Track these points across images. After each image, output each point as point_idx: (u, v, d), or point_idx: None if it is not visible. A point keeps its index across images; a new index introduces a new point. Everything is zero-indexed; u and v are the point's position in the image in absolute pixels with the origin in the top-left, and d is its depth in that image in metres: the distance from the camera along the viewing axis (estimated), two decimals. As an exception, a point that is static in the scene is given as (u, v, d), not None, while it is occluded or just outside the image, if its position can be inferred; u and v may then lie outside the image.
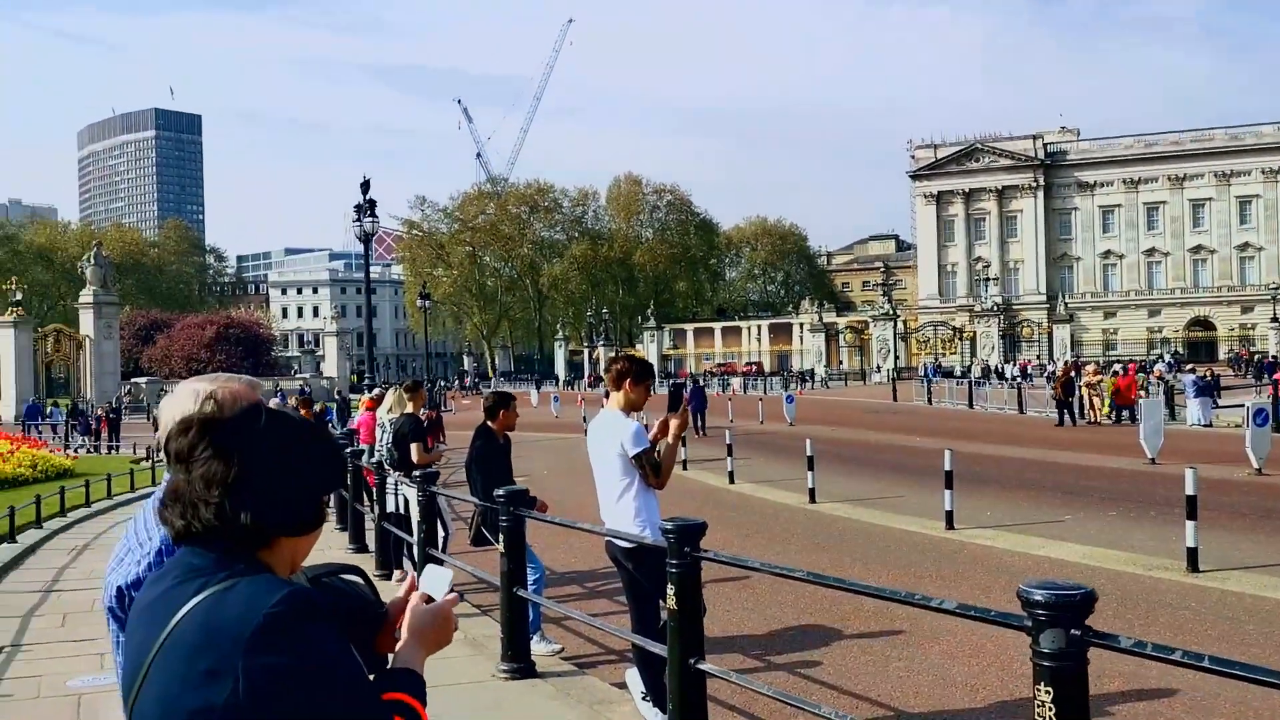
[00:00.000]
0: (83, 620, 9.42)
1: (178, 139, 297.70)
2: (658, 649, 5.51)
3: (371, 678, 1.90)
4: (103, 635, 8.57)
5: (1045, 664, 3.28)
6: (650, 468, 5.94)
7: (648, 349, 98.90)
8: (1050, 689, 3.28)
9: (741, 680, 5.15)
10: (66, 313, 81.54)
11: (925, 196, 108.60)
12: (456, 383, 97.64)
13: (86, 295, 63.72)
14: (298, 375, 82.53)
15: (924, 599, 3.96)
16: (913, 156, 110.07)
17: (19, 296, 61.45)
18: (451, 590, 2.14)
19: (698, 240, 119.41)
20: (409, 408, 10.68)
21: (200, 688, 1.62)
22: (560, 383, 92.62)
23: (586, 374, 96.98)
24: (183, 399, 2.40)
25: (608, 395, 6.28)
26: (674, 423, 6.12)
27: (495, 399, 8.57)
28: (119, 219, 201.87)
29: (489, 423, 8.46)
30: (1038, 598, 3.24)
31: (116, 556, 2.44)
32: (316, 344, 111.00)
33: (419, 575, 2.15)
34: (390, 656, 2.02)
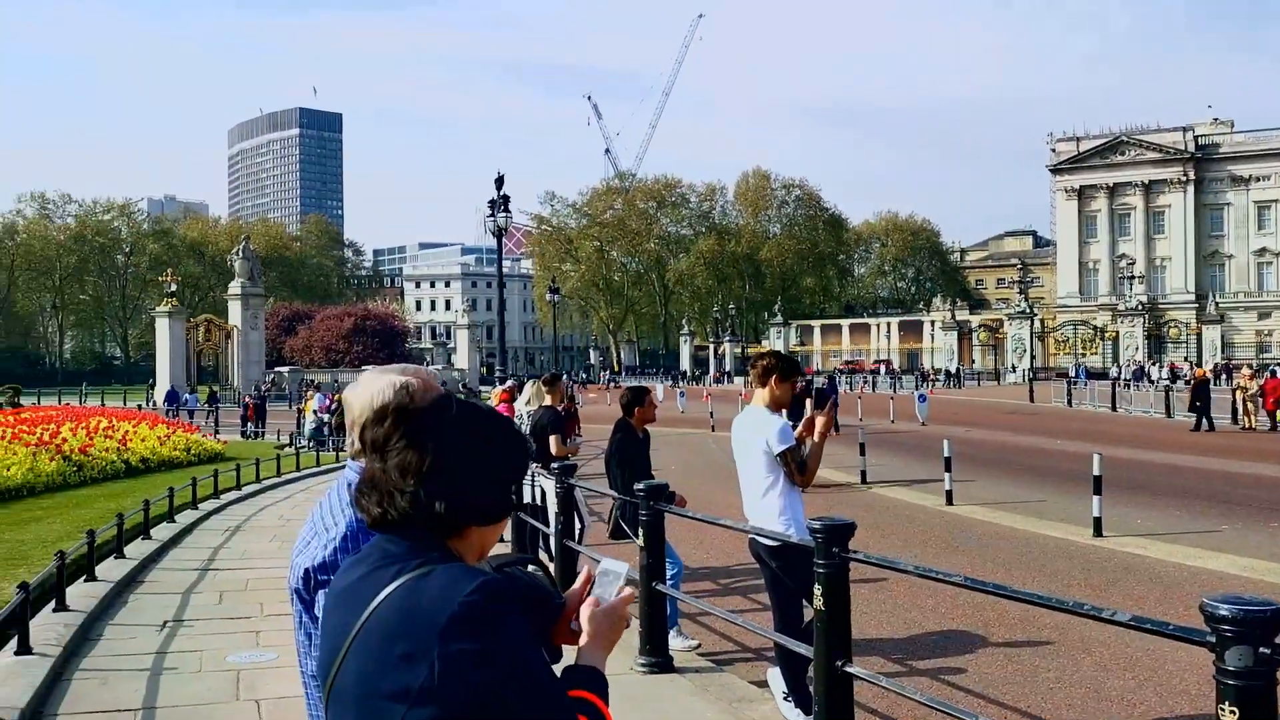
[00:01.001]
0: (238, 598, 9.83)
1: (320, 137, 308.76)
2: (801, 649, 5.44)
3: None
4: (256, 614, 8.95)
5: (1231, 683, 3.09)
6: (796, 465, 5.87)
7: (773, 346, 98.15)
8: (1236, 709, 3.10)
9: (892, 685, 5.03)
10: (215, 304, 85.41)
11: (1066, 191, 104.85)
12: (584, 376, 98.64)
13: (235, 287, 66.59)
14: (431, 367, 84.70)
15: (1094, 609, 3.78)
16: (1053, 149, 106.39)
17: (173, 288, 64.70)
18: (626, 582, 2.12)
19: (826, 236, 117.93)
20: (548, 400, 10.81)
21: (397, 671, 1.66)
22: (685, 378, 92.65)
23: (712, 369, 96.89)
24: (374, 389, 2.45)
25: (750, 392, 6.22)
26: (820, 420, 6.03)
27: (632, 393, 8.59)
28: (264, 214, 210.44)
29: (628, 417, 8.48)
30: (1224, 612, 3.06)
31: (303, 539, 2.51)
32: (448, 336, 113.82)
33: (596, 568, 2.14)
34: (563, 650, 2.03)
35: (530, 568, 2.15)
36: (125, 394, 60.30)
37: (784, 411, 6.23)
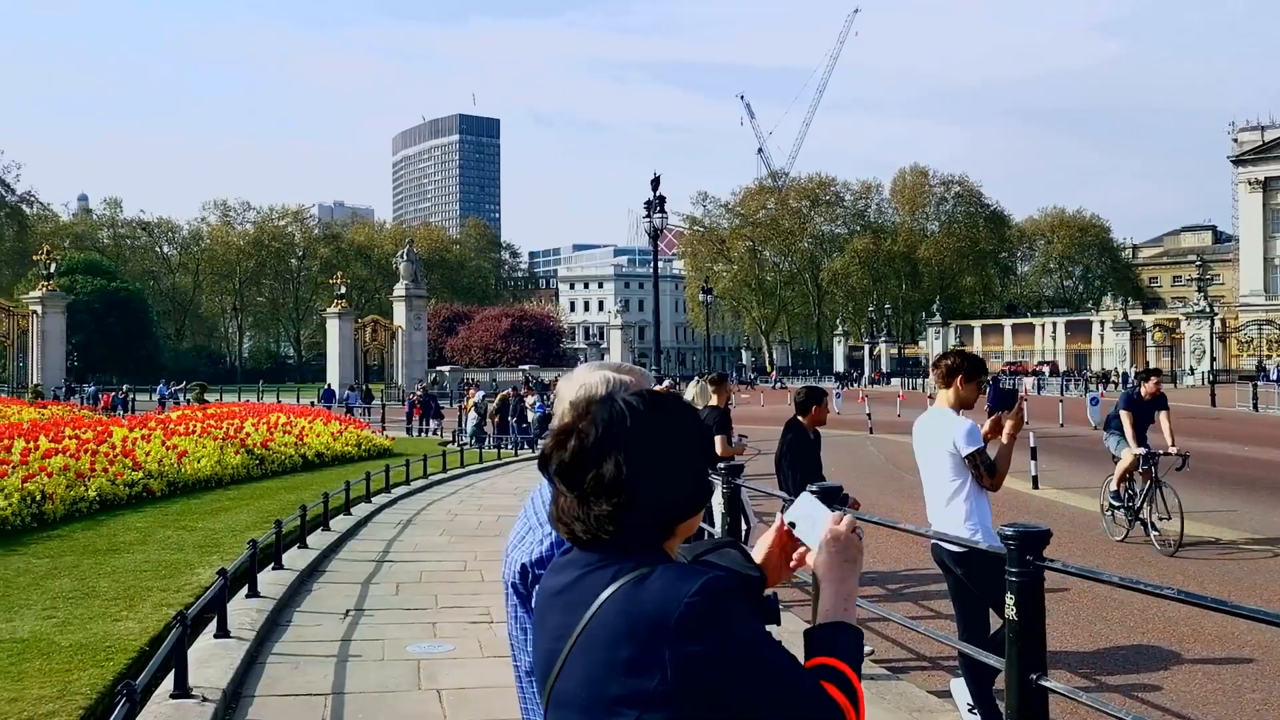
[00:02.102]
0: (414, 590, 10.13)
1: (478, 142, 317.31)
2: (990, 660, 5.23)
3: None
4: (431, 606, 9.18)
5: None
6: (985, 468, 5.65)
7: (931, 346, 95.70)
8: None
9: (1092, 700, 4.78)
10: (381, 305, 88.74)
11: (1250, 183, 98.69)
12: (735, 376, 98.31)
13: (399, 289, 69.06)
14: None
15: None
16: (1235, 140, 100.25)
17: (342, 290, 67.54)
18: (834, 508, 2.04)
19: (987, 233, 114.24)
20: (713, 400, 10.76)
21: (626, 676, 1.65)
22: (839, 378, 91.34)
23: (868, 370, 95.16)
24: (586, 383, 2.45)
25: (932, 395, 6.04)
26: (1009, 421, 5.80)
27: (807, 393, 8.47)
28: (426, 218, 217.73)
29: (799, 417, 8.36)
30: None
31: (517, 534, 2.51)
32: (601, 337, 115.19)
33: (785, 516, 2.06)
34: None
35: (726, 549, 2.10)
36: (298, 391, 63.29)
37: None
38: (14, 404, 37.64)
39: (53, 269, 58.71)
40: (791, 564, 2.05)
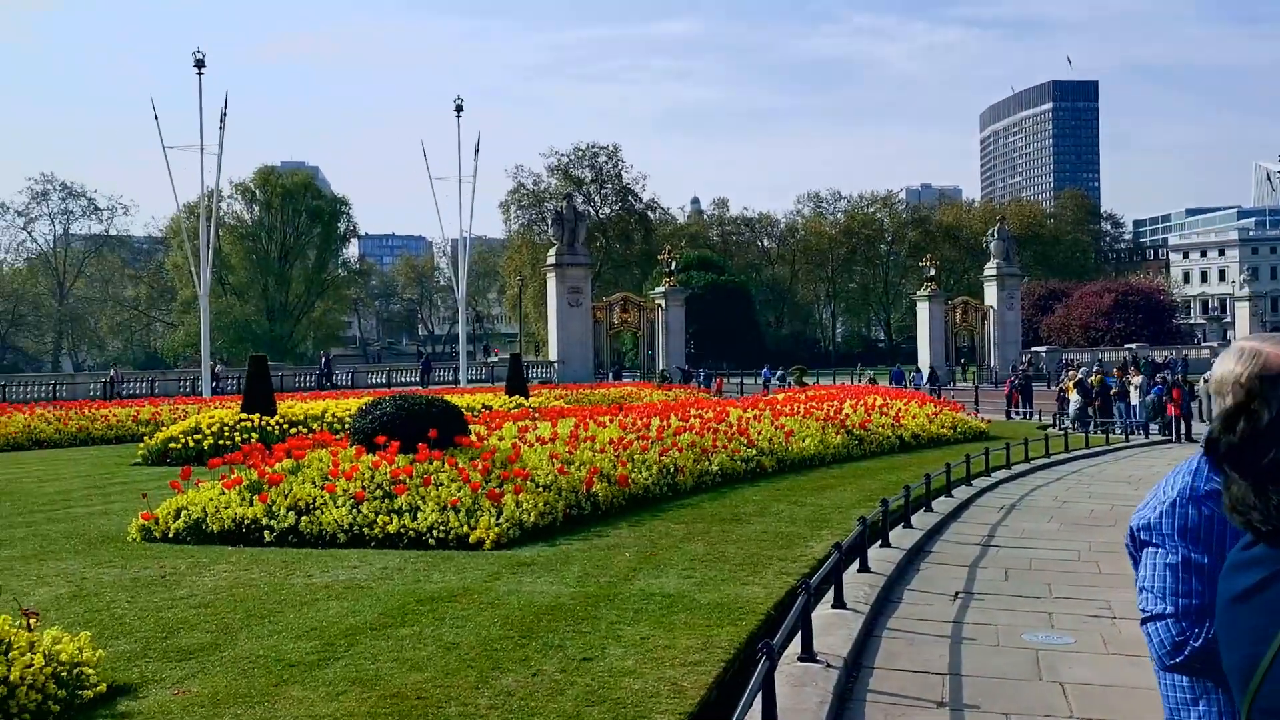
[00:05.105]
0: (1023, 577, 9.79)
1: (1073, 108, 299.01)
2: None
3: None
4: (1044, 595, 8.79)
5: None
6: None
7: None
8: None
9: None
10: (970, 286, 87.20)
11: None
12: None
13: (990, 268, 67.40)
14: (1203, 345, 77.33)
15: None
16: None
17: (932, 272, 67.50)
18: None
19: None
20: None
21: None
22: None
23: None
24: (1222, 360, 2.28)
25: None
26: None
27: None
28: (1017, 193, 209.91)
29: None
30: None
31: (1144, 501, 2.46)
32: (1223, 310, 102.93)
33: None
34: None
35: None
36: (873, 375, 64.41)
37: None
38: (645, 387, 42.99)
39: (673, 266, 65.72)
40: None
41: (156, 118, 41.60)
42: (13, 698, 5.15)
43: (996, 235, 67.85)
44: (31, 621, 5.89)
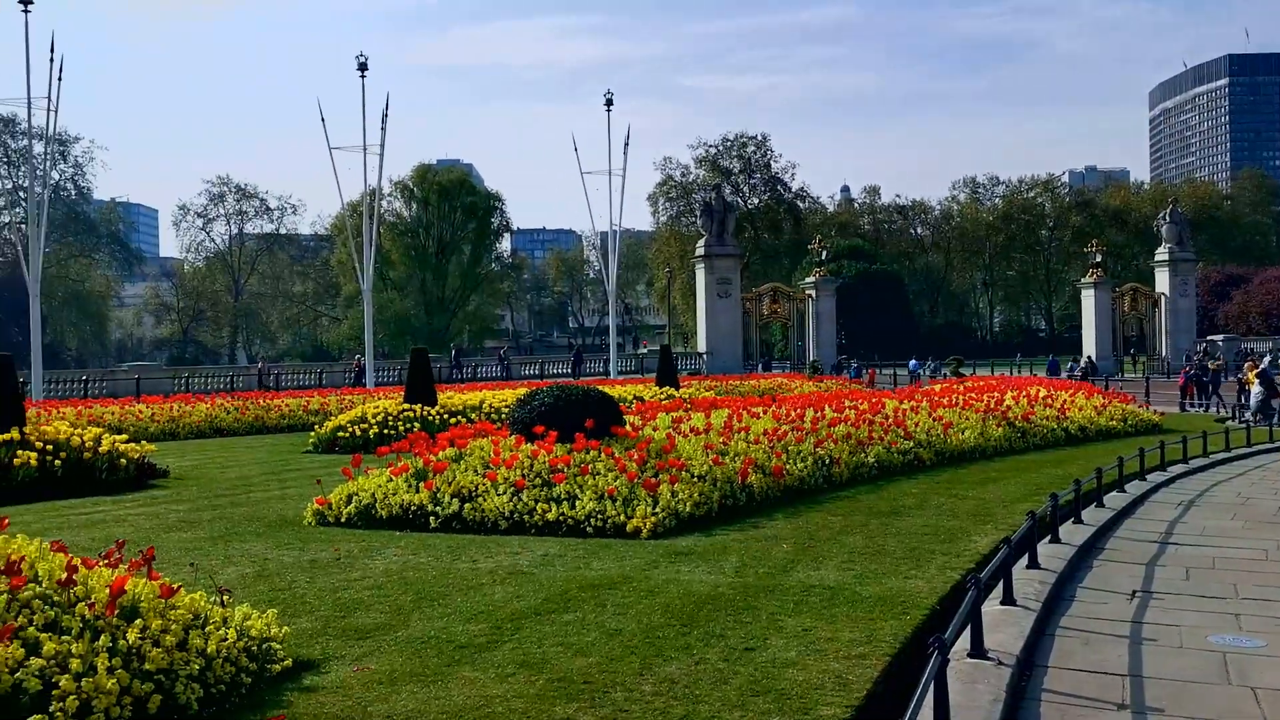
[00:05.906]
0: (1206, 577, 9.29)
1: (1253, 83, 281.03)
2: None
3: None
4: (1230, 595, 8.35)
5: None
6: None
7: None
8: None
9: None
10: (1139, 272, 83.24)
11: None
12: None
13: (1161, 253, 64.16)
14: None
15: None
16: None
17: (1098, 258, 64.56)
18: None
19: None
20: None
21: None
22: None
23: None
24: None
25: None
26: None
27: None
28: (1190, 174, 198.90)
29: None
30: None
31: None
32: None
33: None
34: None
35: None
36: (1031, 365, 62.03)
37: None
38: (796, 379, 42.55)
39: (823, 256, 64.87)
40: None
41: (323, 119, 43.45)
42: (210, 669, 5.46)
43: (1168, 218, 64.52)
44: (225, 598, 6.24)
